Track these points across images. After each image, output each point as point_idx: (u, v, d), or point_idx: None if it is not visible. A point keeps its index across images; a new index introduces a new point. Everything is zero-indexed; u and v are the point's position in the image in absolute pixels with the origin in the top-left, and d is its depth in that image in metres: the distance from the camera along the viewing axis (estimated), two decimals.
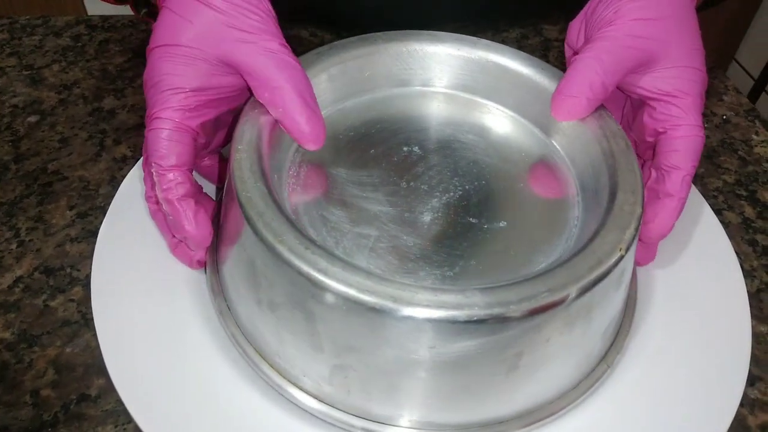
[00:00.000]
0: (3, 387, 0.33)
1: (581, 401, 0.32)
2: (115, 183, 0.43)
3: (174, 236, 0.35)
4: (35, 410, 0.32)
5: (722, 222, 0.42)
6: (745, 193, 0.47)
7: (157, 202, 0.34)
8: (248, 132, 0.32)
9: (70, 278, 0.38)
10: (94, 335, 0.34)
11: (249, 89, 0.34)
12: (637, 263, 0.37)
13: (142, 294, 0.35)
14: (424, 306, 0.26)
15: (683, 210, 0.35)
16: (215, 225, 0.34)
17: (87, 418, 0.32)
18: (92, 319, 0.34)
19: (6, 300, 0.37)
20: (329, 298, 0.27)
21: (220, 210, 0.34)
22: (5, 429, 0.31)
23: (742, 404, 0.33)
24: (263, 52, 0.32)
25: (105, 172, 0.44)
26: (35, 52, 0.54)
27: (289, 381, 0.31)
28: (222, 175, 0.39)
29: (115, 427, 0.32)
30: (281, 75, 0.32)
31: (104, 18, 0.58)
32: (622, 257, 0.29)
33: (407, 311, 0.26)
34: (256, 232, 0.29)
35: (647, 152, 0.37)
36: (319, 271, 0.27)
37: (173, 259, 0.36)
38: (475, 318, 0.26)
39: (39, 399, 0.33)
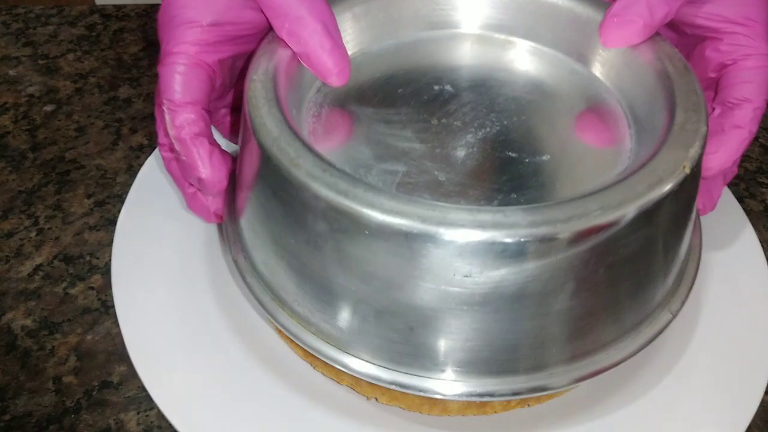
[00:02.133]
0: (26, 373, 0.33)
1: (640, 356, 0.29)
2: (132, 171, 0.43)
3: (190, 185, 0.33)
4: (58, 397, 0.32)
5: (744, 210, 0.41)
6: (767, 181, 0.47)
7: (171, 149, 0.32)
8: (264, 63, 0.30)
9: (90, 266, 0.38)
10: (115, 323, 0.34)
11: (268, 28, 0.32)
12: (698, 210, 0.34)
13: (162, 281, 0.35)
14: (459, 226, 0.23)
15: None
16: (233, 178, 0.32)
17: (109, 404, 0.32)
18: (112, 306, 0.34)
19: (26, 288, 0.37)
20: (350, 223, 0.25)
21: (237, 161, 0.32)
22: (29, 415, 0.32)
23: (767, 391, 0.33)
24: None
25: (122, 161, 0.44)
26: (50, 42, 0.54)
27: (309, 331, 0.29)
28: (237, 129, 0.36)
29: (138, 413, 0.32)
30: (302, 4, 0.30)
31: (118, 7, 0.58)
32: (686, 177, 0.26)
33: (438, 232, 0.24)
34: (271, 157, 0.26)
35: (706, 92, 0.33)
36: (339, 193, 0.24)
37: (193, 245, 0.36)
38: (518, 239, 0.23)
39: (62, 385, 0.33)
